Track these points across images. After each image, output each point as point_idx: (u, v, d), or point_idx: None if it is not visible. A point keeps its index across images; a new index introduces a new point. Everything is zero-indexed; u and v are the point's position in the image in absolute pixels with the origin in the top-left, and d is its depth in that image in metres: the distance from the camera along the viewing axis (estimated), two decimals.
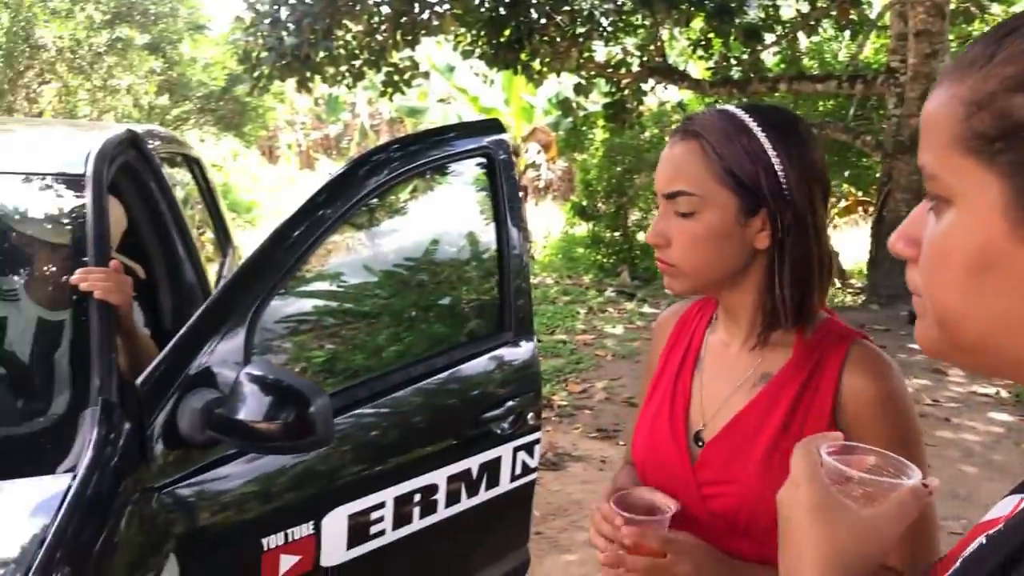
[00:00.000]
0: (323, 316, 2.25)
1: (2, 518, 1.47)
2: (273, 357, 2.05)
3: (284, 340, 2.12)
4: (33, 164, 2.24)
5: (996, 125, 0.59)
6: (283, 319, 2.10)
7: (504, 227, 2.47)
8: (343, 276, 2.33)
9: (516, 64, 10.62)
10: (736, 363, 1.24)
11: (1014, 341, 0.62)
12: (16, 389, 1.90)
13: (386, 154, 2.35)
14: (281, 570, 1.94)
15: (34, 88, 13.34)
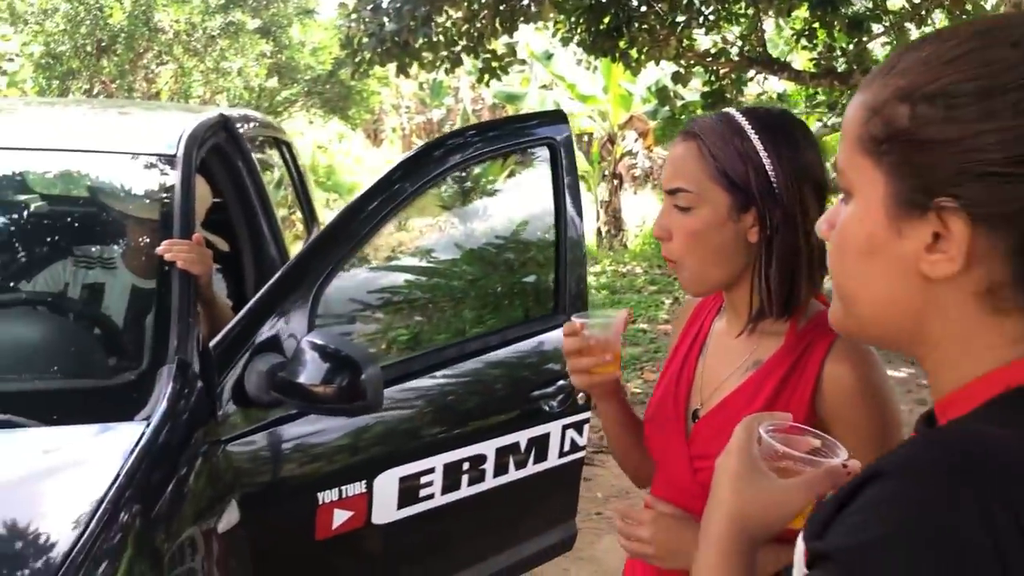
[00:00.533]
0: (386, 290, 2.41)
1: (85, 456, 1.67)
2: (336, 327, 2.22)
3: (347, 311, 2.29)
4: (131, 145, 2.46)
5: (883, 130, 0.68)
6: (348, 291, 2.27)
7: (562, 213, 2.58)
8: (407, 253, 2.48)
9: (614, 52, 10.63)
10: (734, 350, 1.33)
11: (895, 320, 0.72)
12: (108, 346, 2.12)
13: (459, 139, 2.50)
14: (334, 524, 2.11)
15: (152, 69, 14.02)
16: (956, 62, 0.65)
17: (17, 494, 1.51)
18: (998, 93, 0.63)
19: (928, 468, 0.60)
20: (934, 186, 0.65)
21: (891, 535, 0.58)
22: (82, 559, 1.38)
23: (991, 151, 0.63)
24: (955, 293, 0.67)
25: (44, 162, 2.36)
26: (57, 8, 12.75)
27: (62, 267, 2.24)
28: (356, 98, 18.13)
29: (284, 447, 2.07)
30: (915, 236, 0.67)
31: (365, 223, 2.20)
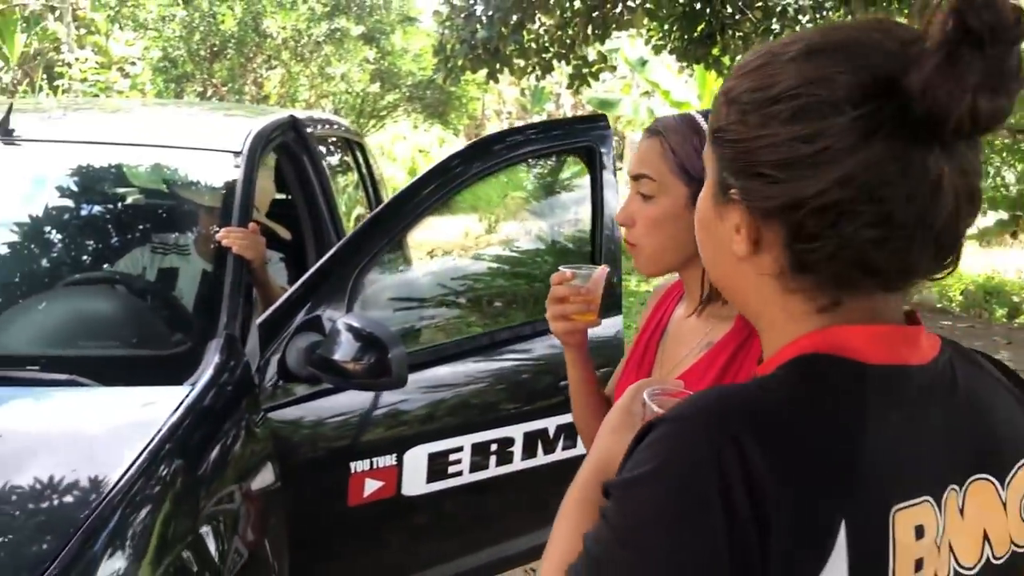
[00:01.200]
0: (424, 277, 2.58)
1: (134, 413, 1.89)
2: (375, 311, 2.40)
3: (385, 296, 2.47)
4: (205, 142, 2.71)
5: (712, 124, 0.79)
6: (387, 277, 2.45)
7: (599, 213, 2.70)
8: (447, 250, 2.66)
9: (707, 59, 10.64)
10: (691, 333, 1.45)
11: (728, 289, 0.84)
12: (167, 320, 2.35)
13: (504, 140, 2.66)
14: (365, 492, 2.29)
15: (261, 73, 14.71)
16: (751, 73, 0.75)
17: (71, 443, 1.73)
18: (772, 103, 0.72)
19: (690, 414, 0.71)
20: (731, 178, 0.76)
21: (650, 470, 0.67)
22: (119, 501, 1.58)
23: (763, 154, 0.72)
24: (756, 272, 0.78)
25: (128, 156, 2.62)
26: (174, 16, 13.50)
27: (139, 250, 2.49)
28: (455, 103, 18.50)
29: (320, 418, 2.26)
30: (727, 218, 0.78)
31: (407, 215, 2.38)
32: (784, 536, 0.64)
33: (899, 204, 0.69)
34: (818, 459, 0.68)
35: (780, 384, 0.73)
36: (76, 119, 2.98)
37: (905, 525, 0.69)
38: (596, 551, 0.68)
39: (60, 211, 2.43)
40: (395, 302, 2.53)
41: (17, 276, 2.30)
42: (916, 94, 0.67)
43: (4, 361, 2.03)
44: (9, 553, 1.47)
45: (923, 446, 0.73)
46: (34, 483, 1.58)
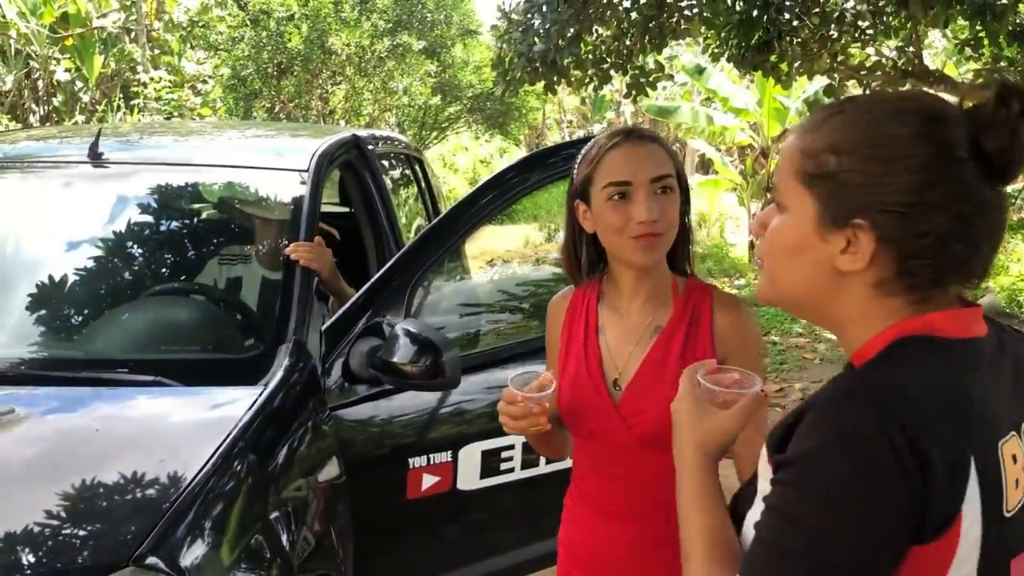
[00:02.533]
0: (481, 284, 2.74)
1: (212, 411, 2.08)
2: (435, 316, 2.57)
3: (442, 302, 2.63)
4: (275, 162, 2.92)
5: (816, 169, 0.98)
6: (445, 284, 2.62)
7: None
8: (506, 253, 2.81)
9: (765, 66, 10.62)
10: (631, 323, 1.63)
11: (812, 299, 1.03)
12: (242, 327, 2.55)
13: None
14: (423, 486, 2.45)
15: (327, 89, 15.10)
16: (864, 131, 0.96)
17: (156, 437, 1.93)
18: (895, 160, 0.93)
19: (842, 398, 0.90)
20: (851, 211, 0.96)
21: (826, 444, 0.86)
22: (199, 491, 1.76)
23: (891, 195, 0.93)
24: (861, 281, 0.98)
25: (203, 176, 2.84)
26: (243, 36, 13.96)
27: (214, 263, 2.71)
28: (515, 114, 18.70)
29: (381, 417, 2.43)
30: (834, 242, 0.97)
31: (462, 226, 2.54)
32: (940, 479, 0.85)
33: (983, 230, 0.95)
34: (953, 417, 0.89)
35: (900, 364, 0.93)
36: (156, 142, 3.22)
37: (1008, 454, 0.93)
38: (788, 509, 0.87)
39: (143, 227, 2.66)
40: (453, 307, 2.69)
41: (107, 287, 2.53)
42: (995, 153, 0.93)
43: (96, 364, 2.25)
44: (105, 533, 1.66)
45: (1002, 395, 0.96)
46: (125, 473, 1.78)
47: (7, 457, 1.80)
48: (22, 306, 2.42)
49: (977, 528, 0.89)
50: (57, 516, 1.62)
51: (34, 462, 1.78)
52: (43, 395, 2.07)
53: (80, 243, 2.64)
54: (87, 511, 1.65)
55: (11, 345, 2.32)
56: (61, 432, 1.91)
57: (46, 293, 2.42)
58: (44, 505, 1.63)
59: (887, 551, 0.85)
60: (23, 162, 2.87)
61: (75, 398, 2.07)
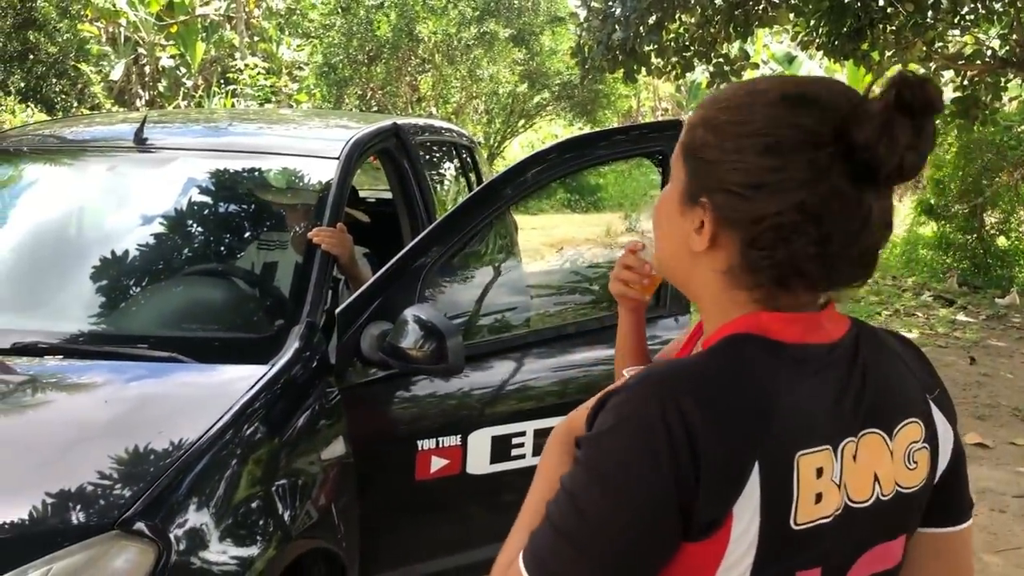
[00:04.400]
0: (493, 273, 2.78)
1: (223, 385, 2.18)
2: (443, 305, 2.62)
3: (453, 290, 2.68)
4: (308, 149, 3.01)
5: (688, 141, 0.99)
6: (457, 271, 2.67)
7: None
8: (517, 241, 2.84)
9: (856, 54, 10.30)
10: None
11: (678, 274, 1.03)
12: (261, 308, 2.66)
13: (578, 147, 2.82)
14: (432, 468, 2.51)
15: (415, 76, 15.33)
16: (732, 108, 0.95)
17: (163, 408, 2.04)
18: (747, 137, 0.92)
19: (641, 383, 0.90)
20: (701, 188, 0.96)
21: (613, 426, 0.88)
22: (197, 456, 1.86)
23: (736, 176, 0.92)
24: (709, 264, 0.97)
25: (240, 163, 2.96)
26: (335, 23, 14.28)
27: (247, 246, 2.82)
28: (603, 101, 18.59)
29: (390, 398, 2.49)
30: (690, 218, 0.97)
31: (476, 216, 2.58)
32: (712, 472, 0.84)
33: (837, 229, 0.90)
34: (740, 415, 0.87)
35: (714, 356, 0.93)
36: (199, 129, 3.36)
37: (808, 467, 0.89)
38: (571, 486, 0.88)
39: (178, 211, 2.79)
40: (467, 294, 2.74)
41: (135, 268, 2.67)
42: (861, 146, 0.88)
43: (119, 340, 2.38)
44: (96, 497, 1.77)
45: (825, 406, 0.92)
46: (124, 442, 1.89)
47: (11, 424, 1.93)
48: (59, 283, 2.58)
49: (752, 535, 0.86)
50: (51, 481, 1.74)
51: (37, 430, 1.91)
52: (61, 366, 2.21)
53: (116, 227, 2.79)
54: (80, 477, 1.76)
55: (44, 319, 2.48)
56: (70, 400, 2.04)
57: (77, 272, 2.57)
58: (40, 471, 1.76)
59: (655, 537, 0.85)
60: (70, 147, 3.04)
61: (93, 370, 2.20)
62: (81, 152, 3.00)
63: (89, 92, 13.67)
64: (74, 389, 2.14)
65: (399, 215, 3.41)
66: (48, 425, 1.93)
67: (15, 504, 1.67)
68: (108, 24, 18.62)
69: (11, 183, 2.95)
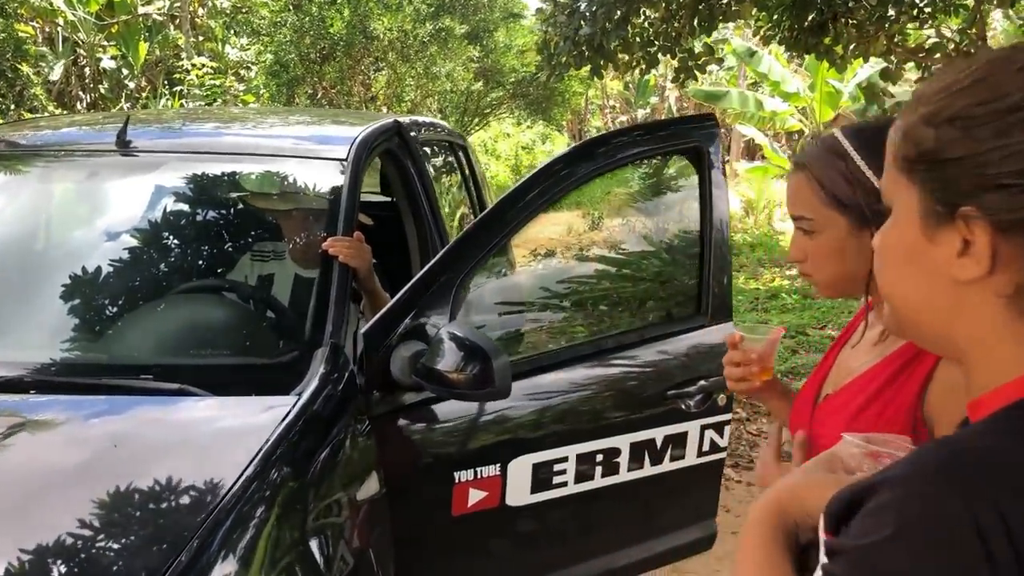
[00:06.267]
0: (529, 285, 2.54)
1: (243, 423, 1.91)
2: (480, 317, 2.38)
3: (489, 303, 2.44)
4: (312, 150, 2.74)
5: (914, 150, 0.77)
6: (491, 284, 2.42)
7: (708, 217, 2.61)
8: (553, 250, 2.61)
9: (819, 49, 10.26)
10: (869, 344, 1.39)
11: (928, 322, 0.79)
12: (276, 330, 2.38)
13: (610, 142, 2.60)
14: (470, 502, 2.27)
15: (368, 75, 14.95)
16: (970, 88, 0.73)
17: (182, 454, 1.76)
18: (1008, 113, 0.71)
19: (924, 477, 0.68)
20: (958, 197, 0.73)
21: (892, 536, 0.65)
22: (229, 511, 1.60)
23: (1005, 164, 0.70)
24: (982, 295, 0.74)
25: (235, 166, 2.66)
26: (285, 21, 13.86)
27: (245, 258, 2.54)
28: (558, 99, 18.43)
29: (424, 427, 2.24)
30: (946, 243, 0.75)
31: (511, 221, 2.34)
32: None
33: None
34: None
35: (1012, 432, 0.69)
36: (188, 129, 3.06)
37: None
38: None
39: (169, 220, 2.49)
40: (500, 308, 2.50)
41: (130, 284, 2.37)
42: None
43: (117, 370, 2.09)
44: (126, 560, 1.50)
45: None
46: (147, 493, 1.61)
47: (13, 479, 1.64)
48: (40, 304, 2.27)
49: None
50: (62, 547, 1.46)
51: (45, 482, 1.62)
52: (57, 405, 1.92)
53: (103, 237, 2.49)
54: (95, 541, 1.49)
55: (27, 347, 2.17)
56: (76, 448, 1.75)
57: (65, 290, 2.26)
58: (46, 534, 1.47)
59: None
60: (47, 150, 2.72)
61: (92, 409, 1.90)
62: (58, 156, 2.68)
63: (29, 94, 13.04)
64: (74, 432, 1.84)
65: (403, 219, 3.16)
66: (48, 478, 1.63)
67: None
68: (44, 24, 17.90)
69: None
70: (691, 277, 2.66)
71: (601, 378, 2.48)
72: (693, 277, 2.64)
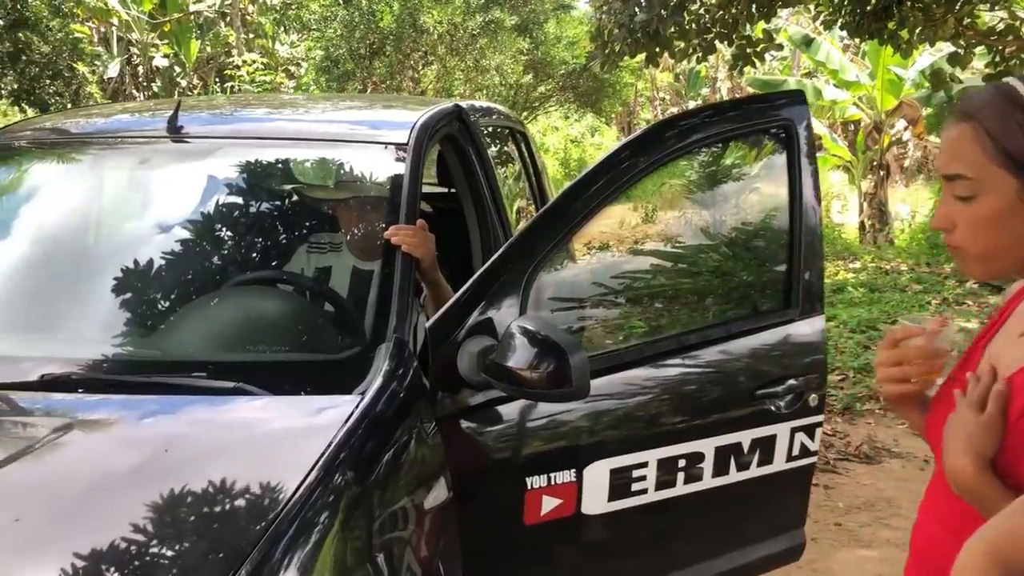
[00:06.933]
0: (603, 276, 2.36)
1: (304, 425, 1.76)
2: (549, 312, 2.20)
3: (561, 296, 2.26)
4: (368, 135, 2.59)
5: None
6: (563, 276, 2.25)
7: (798, 201, 2.41)
8: (629, 239, 2.42)
9: (883, 34, 9.89)
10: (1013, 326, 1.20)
11: None
12: (336, 324, 2.23)
13: (691, 120, 2.41)
14: (543, 510, 2.10)
15: (418, 69, 14.84)
16: None
17: (242, 456, 1.62)
18: None
19: None
20: None
21: None
22: (291, 520, 1.45)
23: None
24: None
25: (290, 152, 2.52)
26: (336, 15, 13.81)
27: (302, 249, 2.39)
28: (608, 91, 18.16)
29: (494, 428, 2.08)
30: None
31: (583, 207, 2.17)
32: None
33: None
34: None
35: None
36: (241, 115, 2.93)
37: None
38: None
39: (221, 209, 2.35)
40: (572, 300, 2.32)
41: (183, 277, 2.24)
42: None
43: (171, 367, 1.96)
44: (185, 571, 1.36)
45: None
46: (203, 499, 1.48)
47: (53, 485, 1.51)
48: (89, 298, 2.15)
49: None
50: (121, 555, 1.32)
51: (96, 488, 1.49)
52: (106, 405, 1.79)
53: (153, 227, 2.36)
54: (155, 549, 1.35)
55: (76, 342, 2.05)
56: (127, 452, 1.61)
57: (115, 283, 2.13)
58: (107, 541, 1.33)
59: None
60: (95, 138, 2.60)
61: (144, 410, 1.77)
62: (106, 144, 2.55)
63: (85, 93, 13.18)
64: (125, 434, 1.71)
65: (464, 209, 3.00)
66: (99, 483, 1.50)
67: None
68: (100, 24, 18.14)
69: (27, 182, 2.51)
70: (779, 267, 2.46)
71: (683, 376, 2.30)
72: (781, 267, 2.44)
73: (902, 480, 4.11)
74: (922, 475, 4.12)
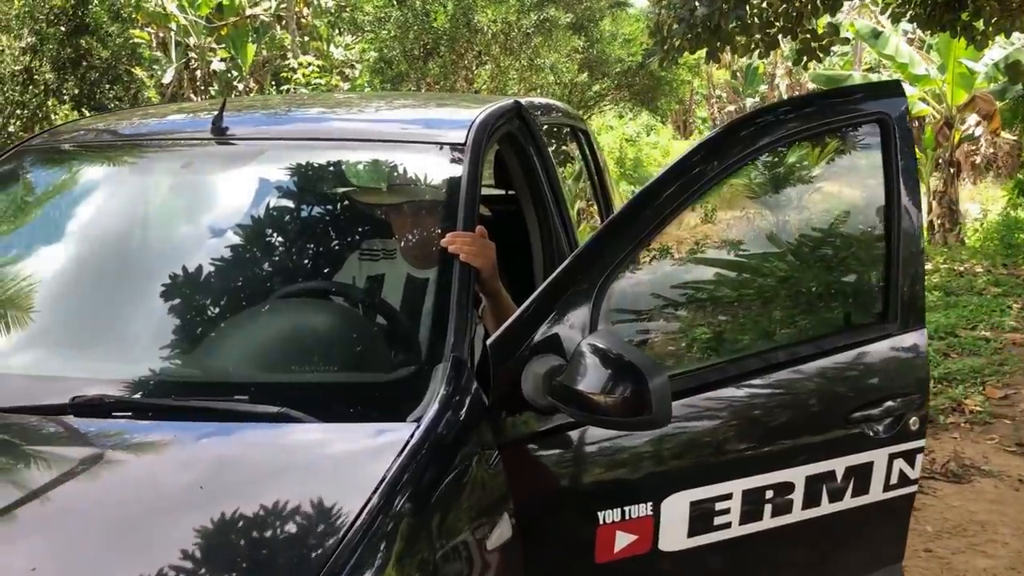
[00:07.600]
0: (681, 288, 2.15)
1: (353, 456, 1.59)
2: (622, 328, 2.00)
3: (635, 311, 2.06)
4: (423, 135, 2.41)
5: None
6: (636, 289, 2.04)
7: (895, 202, 2.18)
8: (707, 247, 2.21)
9: (955, 25, 9.49)
10: None
11: None
12: (389, 341, 2.04)
13: (771, 116, 2.19)
14: (616, 547, 1.90)
15: (472, 69, 14.69)
16: None
17: (289, 489, 1.45)
18: None
19: None
20: None
21: None
22: (351, 549, 1.29)
23: None
24: None
25: (340, 154, 2.35)
26: (389, 16, 13.74)
27: (352, 258, 2.22)
28: (665, 89, 17.83)
29: (561, 457, 1.89)
30: None
31: (658, 212, 1.97)
32: None
33: None
34: None
35: None
36: (288, 115, 2.77)
37: None
38: None
39: (266, 215, 2.19)
40: (647, 316, 2.12)
41: (222, 290, 2.08)
42: None
43: (211, 389, 1.80)
44: None
45: None
46: (240, 553, 1.31)
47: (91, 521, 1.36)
48: (125, 313, 2.00)
49: None
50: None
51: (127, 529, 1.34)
52: (140, 431, 1.63)
53: (193, 235, 2.21)
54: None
55: (110, 360, 1.90)
56: (160, 485, 1.46)
57: (153, 297, 1.98)
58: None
59: None
60: (137, 140, 2.46)
61: (183, 435, 1.61)
62: (145, 147, 2.42)
63: (143, 97, 13.28)
64: (162, 466, 1.55)
65: (524, 213, 2.81)
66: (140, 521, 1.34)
67: None
68: (158, 29, 18.35)
69: (64, 188, 2.38)
70: (874, 276, 2.22)
71: (770, 398, 2.08)
72: (877, 276, 2.21)
73: (996, 502, 3.81)
74: (1018, 497, 3.82)
